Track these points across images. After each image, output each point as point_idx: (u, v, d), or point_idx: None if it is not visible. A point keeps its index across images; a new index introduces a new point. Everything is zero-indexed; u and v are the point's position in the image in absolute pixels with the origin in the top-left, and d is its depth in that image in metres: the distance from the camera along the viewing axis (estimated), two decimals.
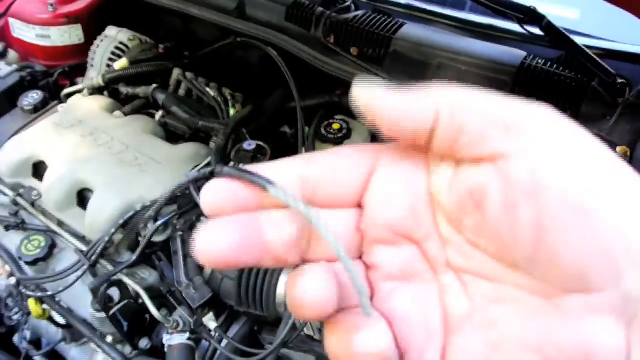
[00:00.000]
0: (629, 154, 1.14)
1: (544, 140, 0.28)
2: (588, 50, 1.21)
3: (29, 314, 1.31)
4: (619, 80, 1.22)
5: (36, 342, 1.44)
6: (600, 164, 0.28)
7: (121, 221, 1.18)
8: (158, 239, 1.20)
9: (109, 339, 1.24)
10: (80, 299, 1.24)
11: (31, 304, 1.22)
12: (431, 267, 0.32)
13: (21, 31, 1.70)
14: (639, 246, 0.26)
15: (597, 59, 1.22)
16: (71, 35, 1.67)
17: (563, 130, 0.29)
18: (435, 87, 0.32)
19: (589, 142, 0.29)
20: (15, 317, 1.38)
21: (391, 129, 0.31)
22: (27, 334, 1.44)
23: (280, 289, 1.09)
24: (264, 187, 0.31)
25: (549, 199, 0.27)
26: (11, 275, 1.35)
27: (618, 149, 1.16)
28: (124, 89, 1.51)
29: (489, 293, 0.30)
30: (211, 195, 0.32)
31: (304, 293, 0.30)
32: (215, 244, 0.31)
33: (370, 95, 0.32)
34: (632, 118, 1.22)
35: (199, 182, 1.21)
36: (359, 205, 0.33)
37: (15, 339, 1.45)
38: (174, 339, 1.16)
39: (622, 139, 1.18)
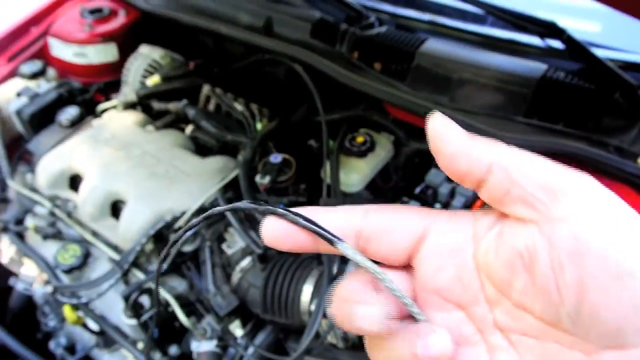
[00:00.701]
0: None
1: (586, 206, 0.31)
2: (609, 63, 1.23)
3: (64, 320, 1.36)
4: None
5: (70, 348, 1.49)
6: (637, 229, 0.31)
7: (152, 231, 1.23)
8: (187, 248, 1.25)
9: (140, 345, 1.28)
10: (112, 306, 1.29)
11: (66, 310, 1.28)
12: (479, 329, 0.35)
13: (59, 50, 1.78)
14: None
15: (618, 71, 1.23)
16: (106, 53, 1.75)
17: (603, 198, 0.32)
18: (496, 143, 0.35)
19: (625, 209, 0.32)
20: (51, 324, 1.44)
21: (448, 162, 0.35)
22: (63, 340, 1.49)
23: (305, 297, 1.12)
24: (332, 242, 0.35)
25: (591, 262, 0.30)
26: (47, 282, 1.41)
27: (639, 160, 1.16)
28: (156, 105, 1.57)
29: (536, 350, 0.33)
30: (271, 232, 0.37)
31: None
32: None
33: (444, 125, 0.36)
34: None
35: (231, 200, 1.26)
36: (406, 265, 0.37)
37: (51, 344, 1.51)
38: (202, 346, 1.20)
39: None
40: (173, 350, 1.29)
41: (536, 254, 0.31)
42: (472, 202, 1.25)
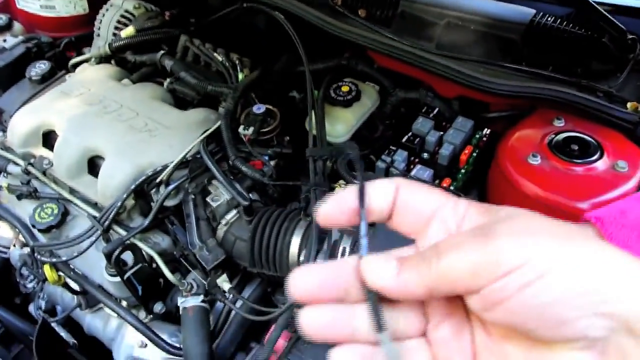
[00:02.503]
0: (639, 109, 1.14)
1: None
2: (598, 7, 1.20)
3: (44, 281, 1.32)
4: (629, 36, 1.21)
5: (51, 311, 1.45)
6: None
7: (133, 186, 1.19)
8: (170, 203, 1.21)
9: (124, 303, 1.25)
10: (94, 265, 1.25)
11: (46, 270, 1.24)
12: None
13: (25, 2, 1.69)
14: None
15: (607, 15, 1.20)
16: (76, 5, 1.67)
17: None
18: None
19: None
20: (30, 285, 1.40)
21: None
22: (42, 303, 1.46)
23: (293, 249, 1.09)
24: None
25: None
26: (24, 244, 1.36)
27: (629, 104, 1.15)
28: (130, 57, 1.51)
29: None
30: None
31: None
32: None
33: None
34: None
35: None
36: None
37: (31, 307, 1.48)
38: (189, 302, 1.17)
39: (633, 94, 1.17)
40: (158, 307, 1.27)
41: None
42: (459, 150, 1.23)
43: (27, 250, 1.35)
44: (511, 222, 0.41)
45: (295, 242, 1.09)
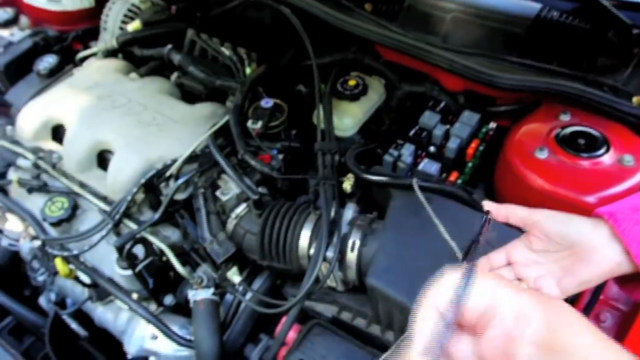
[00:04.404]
0: None
1: None
2: (603, 1, 1.21)
3: (55, 273, 1.34)
4: (635, 31, 1.22)
5: (61, 304, 1.47)
6: None
7: (143, 180, 1.20)
8: (180, 197, 1.22)
9: (134, 296, 1.26)
10: (104, 258, 1.26)
11: (58, 263, 1.25)
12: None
13: None
14: None
15: (613, 10, 1.21)
16: None
17: None
18: None
19: None
20: (40, 278, 1.41)
21: None
22: (52, 295, 1.47)
23: (303, 242, 1.11)
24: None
25: None
26: (35, 237, 1.38)
27: (634, 99, 1.16)
28: (138, 51, 1.51)
29: None
30: None
31: None
32: None
33: None
34: None
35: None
36: None
37: (41, 300, 1.49)
38: (199, 294, 1.18)
39: (638, 89, 1.18)
40: (168, 300, 1.28)
41: None
42: (466, 144, 1.25)
43: (37, 243, 1.37)
44: None
45: (305, 235, 1.11)
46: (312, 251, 1.09)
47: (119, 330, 1.33)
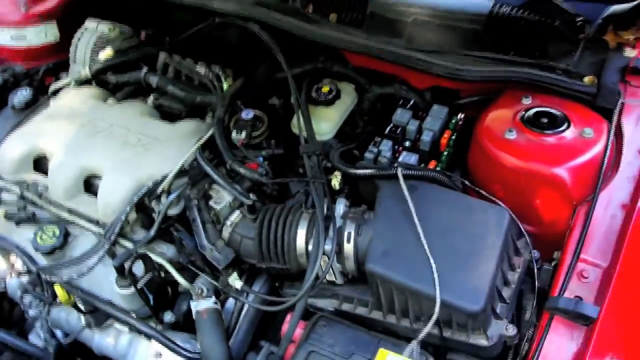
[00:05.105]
0: (596, 82, 1.26)
1: None
2: None
3: (50, 304, 1.33)
4: (579, 19, 1.34)
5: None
6: None
7: (136, 198, 1.22)
8: (173, 212, 1.25)
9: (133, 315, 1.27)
10: (101, 281, 1.27)
11: (58, 289, 1.25)
12: None
13: None
14: None
15: (557, 2, 1.33)
16: (47, 33, 1.69)
17: None
18: None
19: None
20: (33, 312, 1.39)
21: None
22: (41, 333, 1.45)
23: (300, 241, 1.16)
24: None
25: None
26: (23, 272, 1.37)
27: (585, 79, 1.27)
28: (112, 78, 1.54)
29: None
30: None
31: None
32: None
33: None
34: (595, 51, 1.34)
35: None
36: None
37: (32, 337, 1.47)
38: (201, 304, 1.21)
39: (588, 70, 1.30)
40: (167, 317, 1.30)
41: None
42: (439, 135, 1.33)
43: (26, 278, 1.36)
44: None
45: (301, 233, 1.16)
46: (310, 247, 1.14)
47: (121, 354, 1.34)
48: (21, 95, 1.48)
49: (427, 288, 1.00)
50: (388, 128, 1.35)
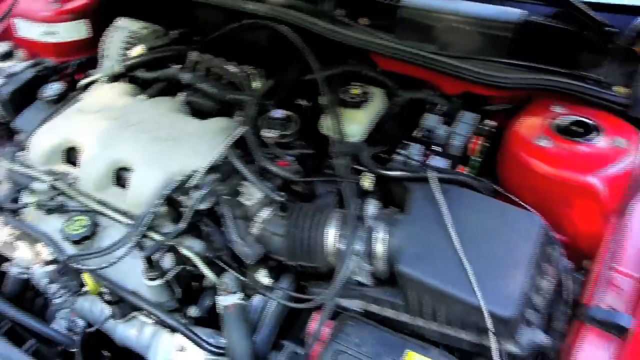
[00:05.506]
0: (629, 92, 1.26)
1: None
2: (579, 4, 1.33)
3: (76, 292, 1.34)
4: (609, 29, 1.35)
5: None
6: None
7: (166, 191, 1.23)
8: (202, 206, 1.25)
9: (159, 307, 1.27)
10: (128, 273, 1.28)
11: (87, 278, 1.26)
12: None
13: (27, 30, 1.72)
14: None
15: (588, 11, 1.34)
16: (78, 30, 1.71)
17: None
18: None
19: None
20: (58, 300, 1.40)
21: None
22: (62, 323, 1.46)
23: (330, 240, 1.16)
24: None
25: None
26: (50, 262, 1.38)
27: (615, 88, 1.28)
28: (142, 74, 1.55)
29: None
30: None
31: None
32: None
33: None
34: (624, 62, 1.34)
35: None
36: None
37: (56, 324, 1.47)
38: (228, 300, 1.21)
39: (617, 80, 1.30)
40: (192, 311, 1.30)
41: None
42: (469, 141, 1.33)
43: (53, 267, 1.37)
44: None
45: (331, 232, 1.16)
46: (339, 246, 1.14)
47: (143, 346, 1.34)
48: (52, 89, 1.50)
49: (459, 292, 1.00)
50: (417, 132, 1.35)
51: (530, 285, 1.04)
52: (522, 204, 1.17)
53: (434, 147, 1.34)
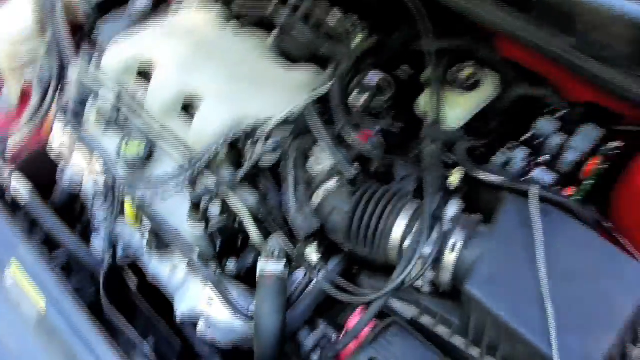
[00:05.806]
0: None
1: None
2: None
3: (117, 214, 1.27)
4: None
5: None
6: None
7: (231, 134, 1.11)
8: (265, 161, 1.13)
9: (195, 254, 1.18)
10: (174, 209, 1.18)
11: (127, 207, 1.18)
12: None
13: None
14: None
15: None
16: None
17: None
18: None
19: None
20: (101, 215, 1.34)
21: None
22: (102, 240, 1.40)
23: (396, 232, 1.01)
24: None
25: None
26: (99, 175, 1.31)
27: None
28: (237, 7, 1.43)
29: None
30: None
31: None
32: None
33: None
34: None
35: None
36: None
37: (94, 241, 1.42)
38: (269, 267, 1.10)
39: None
40: (230, 265, 1.20)
41: None
42: (585, 159, 1.13)
43: (102, 181, 1.30)
44: None
45: (400, 224, 1.01)
46: (405, 243, 0.99)
47: (173, 287, 1.26)
48: (141, 3, 1.42)
49: (532, 336, 0.84)
50: (526, 135, 1.16)
51: (618, 352, 0.86)
52: (633, 251, 0.97)
53: (542, 157, 1.15)
